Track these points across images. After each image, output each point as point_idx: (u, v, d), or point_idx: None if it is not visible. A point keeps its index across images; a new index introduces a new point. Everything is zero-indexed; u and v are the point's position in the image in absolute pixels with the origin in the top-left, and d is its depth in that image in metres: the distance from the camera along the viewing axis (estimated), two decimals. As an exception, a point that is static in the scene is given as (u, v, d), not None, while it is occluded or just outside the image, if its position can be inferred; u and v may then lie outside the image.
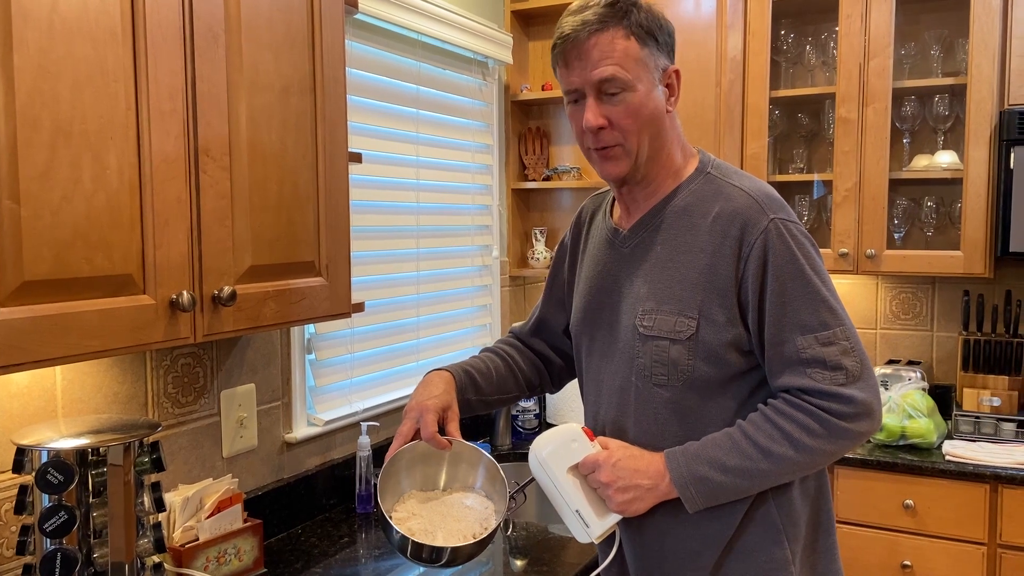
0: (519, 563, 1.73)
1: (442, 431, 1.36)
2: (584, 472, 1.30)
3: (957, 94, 2.67)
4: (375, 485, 2.02)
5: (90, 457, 1.28)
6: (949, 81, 2.59)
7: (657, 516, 1.32)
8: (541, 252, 2.93)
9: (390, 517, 1.29)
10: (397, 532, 1.26)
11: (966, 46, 2.58)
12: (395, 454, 1.34)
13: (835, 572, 1.36)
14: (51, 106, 1.08)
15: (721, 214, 1.27)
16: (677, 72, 1.32)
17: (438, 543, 1.27)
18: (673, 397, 1.29)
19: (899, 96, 2.70)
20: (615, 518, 1.31)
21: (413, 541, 1.25)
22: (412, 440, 1.34)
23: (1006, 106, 2.45)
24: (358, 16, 2.11)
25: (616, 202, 1.44)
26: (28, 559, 1.29)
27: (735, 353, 1.27)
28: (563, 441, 1.32)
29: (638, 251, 1.35)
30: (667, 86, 1.31)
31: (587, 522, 1.31)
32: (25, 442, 1.25)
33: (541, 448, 1.32)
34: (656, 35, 1.28)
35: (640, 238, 1.35)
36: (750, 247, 1.24)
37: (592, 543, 1.33)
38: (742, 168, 2.74)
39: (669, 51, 1.31)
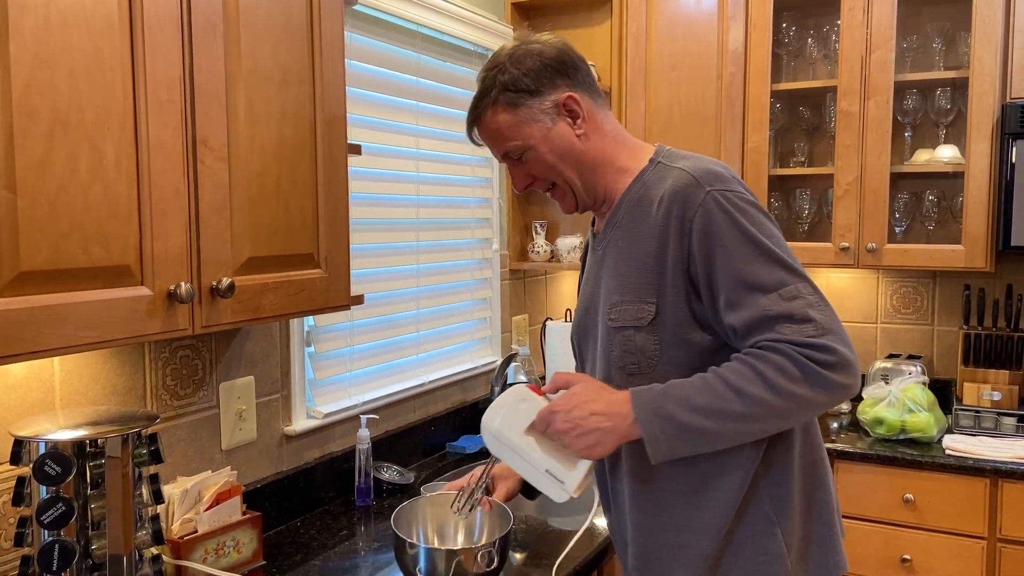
0: (519, 556, 1.73)
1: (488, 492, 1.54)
2: (540, 429, 1.29)
3: (959, 87, 2.66)
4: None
5: (88, 449, 1.28)
6: (951, 74, 2.58)
7: (646, 508, 1.33)
8: (541, 246, 2.93)
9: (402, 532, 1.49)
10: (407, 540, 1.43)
11: (968, 39, 2.57)
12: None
13: (835, 565, 1.35)
14: (48, 96, 1.07)
15: (664, 196, 1.28)
16: (571, 97, 1.33)
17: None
18: (647, 385, 1.29)
19: (901, 89, 2.69)
20: (585, 464, 1.29)
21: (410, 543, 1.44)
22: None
23: (1008, 100, 2.45)
24: (357, 7, 2.10)
25: None
26: (26, 551, 1.28)
27: (698, 332, 1.27)
28: (512, 405, 1.31)
29: (608, 250, 1.38)
30: (569, 112, 1.34)
31: (559, 477, 1.28)
32: (23, 433, 1.24)
33: (491, 420, 1.31)
34: (527, 86, 1.31)
35: (609, 238, 1.38)
36: (691, 222, 1.25)
37: (571, 498, 1.31)
38: (743, 162, 2.75)
39: (554, 81, 1.33)
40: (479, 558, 1.41)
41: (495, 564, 1.44)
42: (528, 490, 1.56)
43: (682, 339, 1.27)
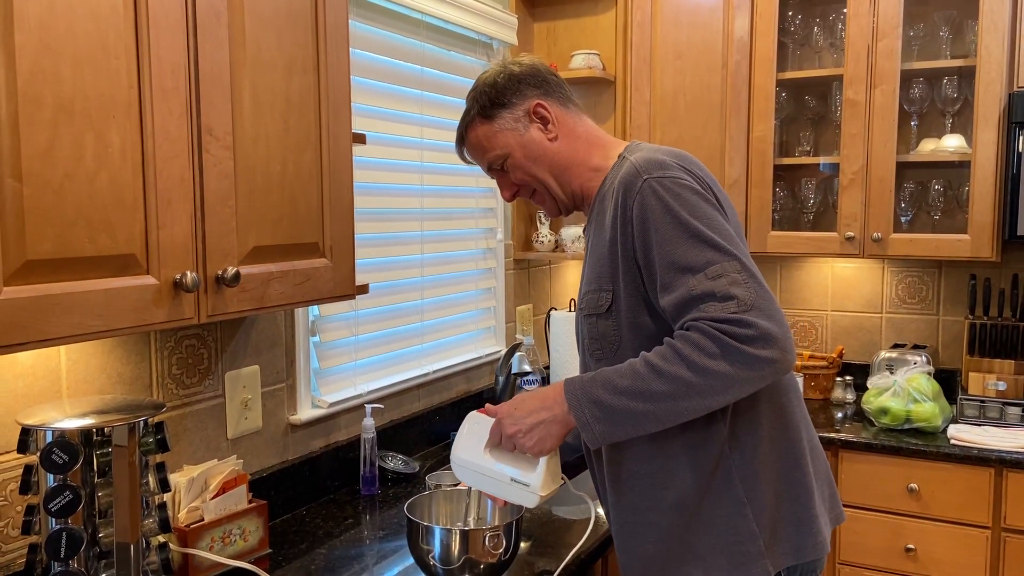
0: (523, 545, 1.73)
1: None
2: (495, 441, 1.36)
3: (966, 76, 2.65)
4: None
5: (95, 437, 1.28)
6: (958, 63, 2.57)
7: (617, 489, 1.38)
8: (545, 235, 2.92)
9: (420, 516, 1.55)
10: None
11: (975, 27, 2.55)
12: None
13: (812, 546, 1.34)
14: (52, 83, 1.07)
15: (614, 189, 1.35)
16: (539, 104, 1.45)
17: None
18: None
19: (907, 78, 2.68)
20: (543, 462, 1.34)
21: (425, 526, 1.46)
22: None
23: (1015, 88, 2.43)
24: (362, -4, 2.09)
25: None
26: (34, 539, 1.29)
27: (647, 316, 1.31)
28: (468, 432, 1.40)
29: (588, 245, 1.47)
30: (540, 119, 1.45)
31: (524, 481, 1.34)
32: (30, 422, 1.25)
33: (456, 452, 1.41)
34: (500, 99, 1.45)
35: (587, 234, 1.48)
36: (631, 210, 1.30)
37: (541, 498, 1.35)
38: (748, 151, 2.74)
39: (524, 92, 1.45)
40: (487, 540, 1.43)
41: (504, 546, 1.46)
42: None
43: (636, 324, 1.32)
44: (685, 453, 1.32)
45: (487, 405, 1.43)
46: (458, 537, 1.44)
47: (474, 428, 1.39)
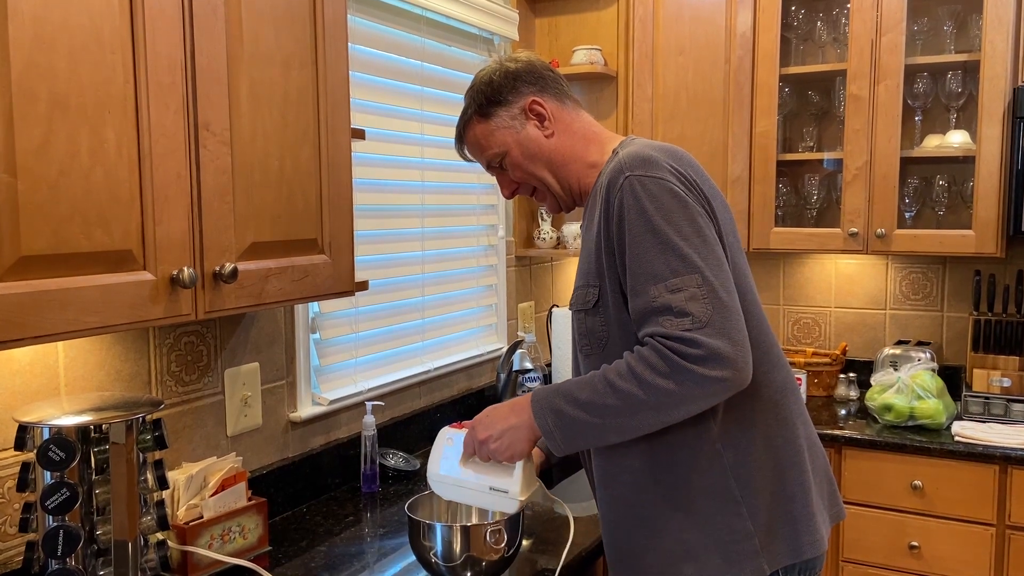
0: (525, 542, 1.72)
1: None
2: (469, 452, 1.39)
3: (970, 71, 2.63)
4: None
5: (92, 434, 1.28)
6: (962, 57, 2.55)
7: (607, 484, 1.39)
8: (547, 232, 2.91)
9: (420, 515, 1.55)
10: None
11: (980, 22, 2.53)
12: None
13: (810, 544, 1.34)
14: (47, 78, 1.06)
15: (603, 184, 1.35)
16: (535, 101, 1.45)
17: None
18: (597, 365, 1.35)
19: (911, 73, 2.66)
20: (519, 468, 1.37)
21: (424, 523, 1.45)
22: None
23: (1020, 83, 2.42)
24: (361, -9, 2.08)
25: None
26: (31, 536, 1.28)
27: (627, 313, 1.32)
28: (442, 447, 1.43)
29: (581, 242, 1.47)
30: (536, 116, 1.45)
31: (502, 488, 1.37)
32: (27, 419, 1.24)
33: (432, 469, 1.43)
34: (497, 97, 1.45)
35: (582, 230, 1.47)
36: (613, 207, 1.30)
37: (520, 503, 1.38)
38: (751, 147, 2.72)
39: (519, 89, 1.45)
40: (489, 537, 1.43)
41: (506, 543, 1.46)
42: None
43: (622, 320, 1.32)
44: (676, 450, 1.32)
45: (460, 423, 1.46)
46: (460, 534, 1.44)
47: (447, 444, 1.42)
